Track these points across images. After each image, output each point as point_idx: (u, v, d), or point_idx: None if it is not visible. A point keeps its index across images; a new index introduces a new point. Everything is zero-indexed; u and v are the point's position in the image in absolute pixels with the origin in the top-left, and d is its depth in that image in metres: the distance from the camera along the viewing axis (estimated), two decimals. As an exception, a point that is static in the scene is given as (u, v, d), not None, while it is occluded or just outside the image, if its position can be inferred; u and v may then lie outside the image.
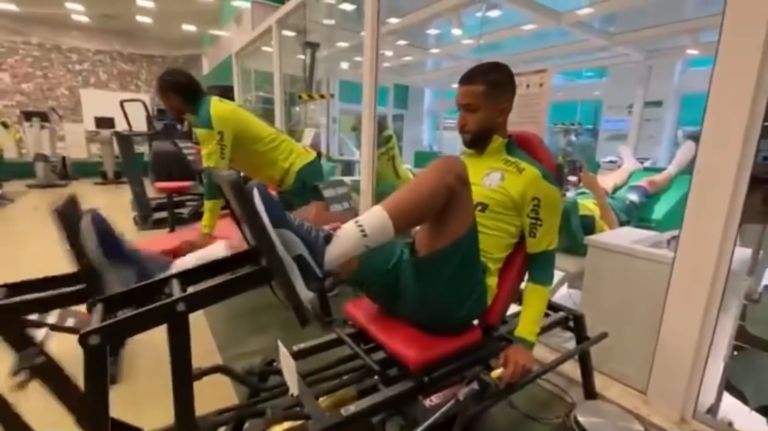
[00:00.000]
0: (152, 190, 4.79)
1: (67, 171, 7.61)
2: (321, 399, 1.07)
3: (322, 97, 4.08)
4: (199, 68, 11.69)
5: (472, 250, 0.98)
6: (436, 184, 0.84)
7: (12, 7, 8.27)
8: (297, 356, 1.11)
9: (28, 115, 7.03)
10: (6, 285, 0.78)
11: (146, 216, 4.08)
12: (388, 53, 6.90)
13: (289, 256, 0.71)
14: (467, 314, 1.06)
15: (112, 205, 5.83)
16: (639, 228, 1.97)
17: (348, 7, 5.20)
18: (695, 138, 2.94)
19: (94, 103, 9.75)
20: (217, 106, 1.89)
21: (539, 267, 1.11)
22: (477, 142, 1.15)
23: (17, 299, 0.75)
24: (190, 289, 0.69)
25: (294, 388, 0.93)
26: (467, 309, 1.04)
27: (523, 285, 1.20)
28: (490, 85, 1.08)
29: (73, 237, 0.74)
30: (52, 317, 1.60)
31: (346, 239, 0.78)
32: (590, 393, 1.42)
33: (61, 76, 10.11)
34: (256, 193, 0.68)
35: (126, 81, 10.96)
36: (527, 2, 3.69)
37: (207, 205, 1.99)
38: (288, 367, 0.96)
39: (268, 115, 5.24)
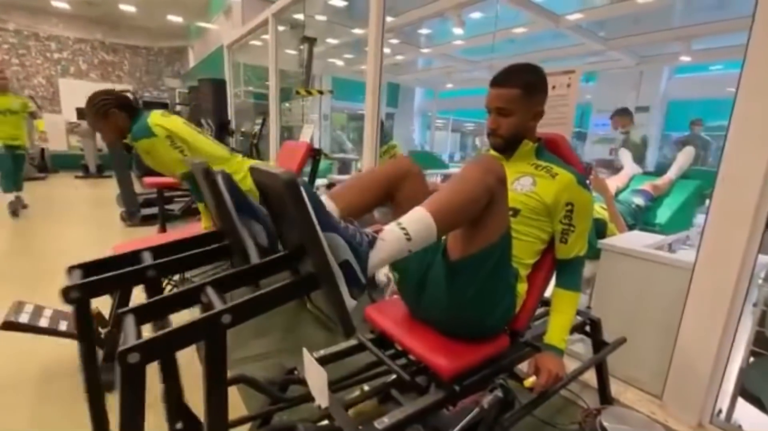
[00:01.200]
0: (138, 184, 4.62)
1: (46, 163, 7.31)
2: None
3: (320, 92, 4.00)
4: (185, 60, 11.38)
5: (506, 255, 0.95)
6: (479, 186, 0.80)
7: (-13, -9, 7.88)
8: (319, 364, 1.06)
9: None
10: (151, 249, 0.84)
11: (134, 212, 3.93)
12: (385, 50, 6.84)
13: (336, 262, 0.66)
14: (497, 321, 1.03)
15: (97, 199, 5.61)
16: (643, 232, 1.99)
17: (339, 3, 5.12)
18: (689, 143, 2.98)
19: (73, 93, 9.37)
20: (156, 116, 1.74)
21: (570, 273, 1.09)
22: (509, 146, 1.11)
23: (164, 260, 0.80)
24: (228, 298, 0.63)
25: (323, 400, 0.88)
26: (498, 315, 1.01)
27: (548, 292, 1.17)
28: (527, 88, 1.04)
29: (214, 198, 0.79)
30: (44, 320, 1.51)
31: (390, 243, 0.73)
32: (606, 398, 1.41)
33: (39, 64, 9.66)
34: (303, 192, 0.62)
35: (107, 71, 10.55)
36: (528, 3, 3.70)
37: (202, 206, 1.91)
38: (316, 377, 0.91)
39: (260, 111, 5.12)
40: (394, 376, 1.07)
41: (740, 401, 1.37)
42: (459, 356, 0.98)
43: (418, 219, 0.75)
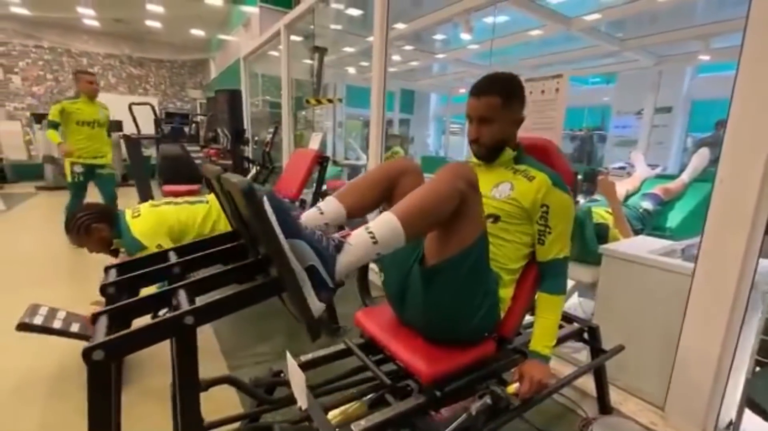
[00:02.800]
0: (159, 192, 4.80)
1: (75, 173, 7.65)
2: (331, 413, 1.04)
3: (329, 101, 4.07)
4: (207, 72, 11.77)
5: (482, 259, 0.95)
6: (447, 190, 0.82)
7: (24, 12, 8.38)
8: (305, 367, 1.08)
9: (38, 118, 7.10)
10: (175, 249, 0.94)
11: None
12: (396, 58, 6.90)
13: (301, 267, 0.69)
14: (478, 326, 1.03)
15: (120, 206, 5.85)
16: (653, 237, 1.93)
17: (354, 12, 5.21)
18: (709, 144, 2.87)
19: (103, 106, 9.85)
20: (135, 224, 1.73)
21: (550, 276, 1.07)
22: (492, 154, 1.12)
23: (186, 258, 0.87)
24: (198, 301, 0.67)
25: (303, 402, 0.90)
26: (478, 320, 1.01)
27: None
28: (506, 96, 1.05)
29: (227, 202, 0.85)
30: (58, 322, 1.59)
31: (356, 247, 0.76)
32: (605, 407, 1.38)
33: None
34: (265, 200, 0.65)
35: (134, 85, 11.04)
36: (537, 7, 3.68)
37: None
38: (297, 380, 0.93)
39: (276, 120, 5.26)
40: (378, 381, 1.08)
41: (748, 412, 1.30)
42: (439, 361, 0.99)
43: (385, 223, 0.77)
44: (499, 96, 1.04)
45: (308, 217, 0.99)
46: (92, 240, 1.72)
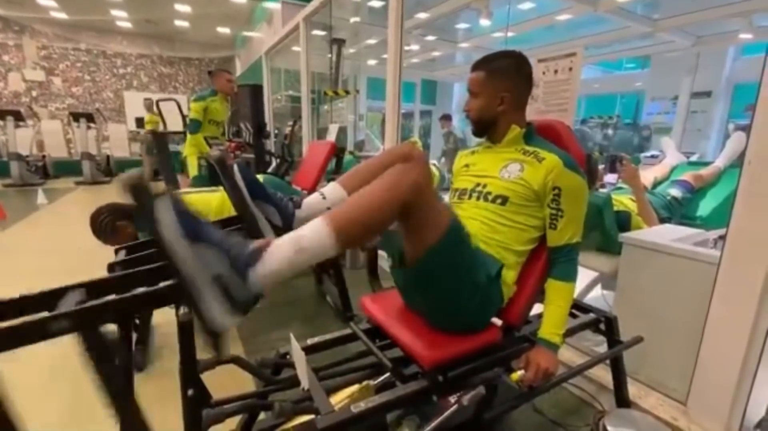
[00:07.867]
0: (186, 185, 4.97)
1: (110, 168, 8.05)
2: (336, 394, 1.06)
3: (347, 93, 4.07)
4: (232, 69, 12.02)
5: (460, 244, 0.92)
6: (391, 196, 0.77)
7: (63, 15, 8.82)
8: (310, 350, 1.10)
9: (75, 116, 7.49)
10: None
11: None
12: (415, 48, 6.82)
13: (207, 275, 0.61)
14: (480, 310, 1.01)
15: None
16: (682, 226, 1.83)
17: (376, 3, 5.17)
18: (746, 129, 2.70)
19: (135, 104, 10.29)
20: None
21: (561, 261, 1.04)
22: (480, 128, 1.13)
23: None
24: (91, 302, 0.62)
25: (305, 382, 0.92)
26: (477, 304, 0.98)
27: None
28: (489, 72, 1.07)
29: (229, 185, 0.85)
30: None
31: (278, 257, 0.67)
32: (623, 400, 1.33)
33: (107, 79, 10.69)
34: (167, 202, 0.60)
35: (165, 83, 11.44)
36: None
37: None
38: (299, 360, 0.95)
39: (298, 114, 5.32)
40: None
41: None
42: (442, 346, 0.98)
43: (314, 231, 0.71)
44: (483, 70, 1.07)
45: (311, 202, 1.01)
46: (120, 237, 1.75)
